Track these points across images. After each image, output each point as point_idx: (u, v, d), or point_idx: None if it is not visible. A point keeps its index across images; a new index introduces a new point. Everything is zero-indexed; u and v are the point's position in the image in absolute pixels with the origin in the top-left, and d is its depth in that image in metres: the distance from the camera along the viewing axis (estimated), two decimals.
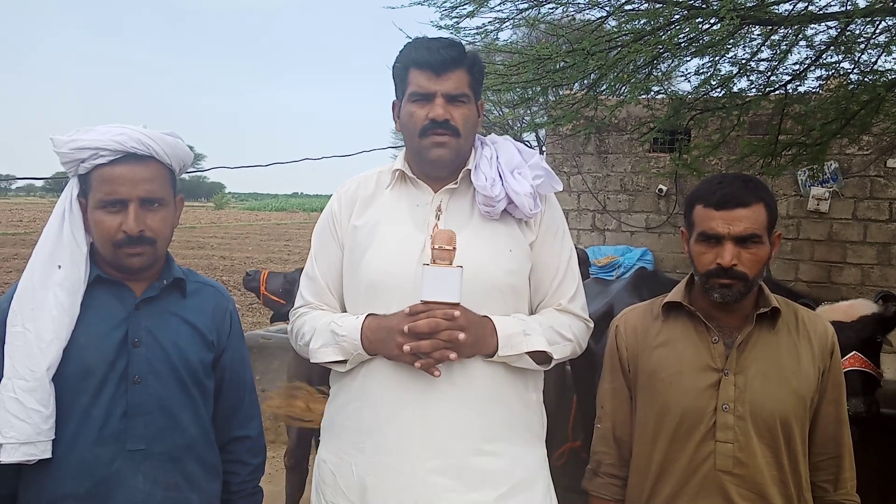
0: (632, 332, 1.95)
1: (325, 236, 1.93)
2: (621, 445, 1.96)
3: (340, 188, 1.96)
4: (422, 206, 1.84)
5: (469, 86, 1.80)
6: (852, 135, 5.12)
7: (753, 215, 1.76)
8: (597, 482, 1.98)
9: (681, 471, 1.82)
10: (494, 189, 1.78)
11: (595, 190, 9.12)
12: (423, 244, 1.77)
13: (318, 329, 1.83)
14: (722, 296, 1.79)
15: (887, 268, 7.87)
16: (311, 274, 1.93)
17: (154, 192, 1.69)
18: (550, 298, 1.89)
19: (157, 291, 1.74)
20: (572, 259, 1.93)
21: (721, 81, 4.69)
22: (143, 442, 1.66)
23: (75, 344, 1.63)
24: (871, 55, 4.47)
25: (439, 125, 1.75)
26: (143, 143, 1.66)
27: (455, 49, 1.78)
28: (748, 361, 1.81)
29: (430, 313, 1.66)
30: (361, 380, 1.79)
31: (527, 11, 4.68)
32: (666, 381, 1.85)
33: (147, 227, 1.67)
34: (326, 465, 1.84)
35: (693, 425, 1.81)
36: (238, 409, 1.89)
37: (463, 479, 1.71)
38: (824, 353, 1.84)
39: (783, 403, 1.79)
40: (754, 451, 1.78)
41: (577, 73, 4.61)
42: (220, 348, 1.83)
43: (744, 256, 1.76)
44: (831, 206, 8.03)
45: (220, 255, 19.58)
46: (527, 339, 1.76)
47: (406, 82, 1.79)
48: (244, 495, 1.90)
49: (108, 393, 1.65)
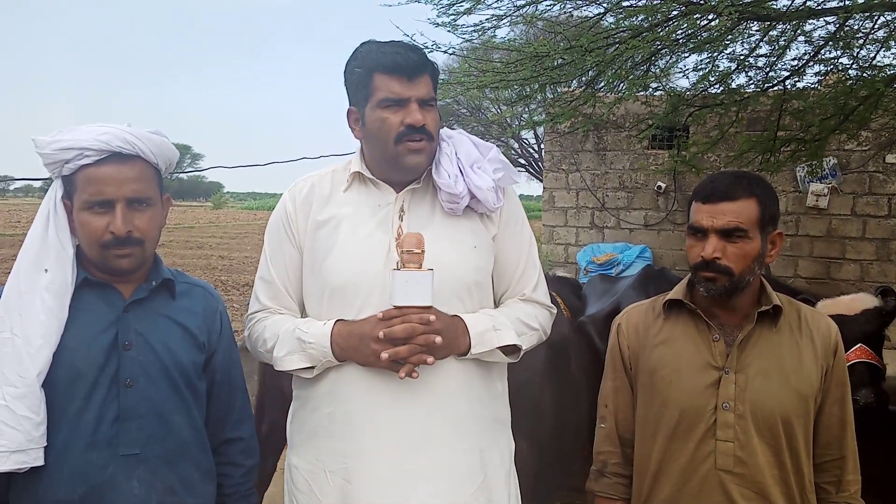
0: (633, 330, 1.95)
1: (279, 238, 1.87)
2: (625, 444, 1.95)
3: (292, 188, 1.90)
4: (384, 207, 1.81)
5: (434, 89, 1.79)
6: (851, 130, 5.10)
7: (739, 209, 1.75)
8: (603, 482, 1.96)
9: (680, 470, 1.81)
10: (458, 186, 1.76)
11: (594, 187, 9.11)
12: (388, 246, 1.76)
13: (282, 336, 1.78)
14: (707, 290, 1.80)
15: (886, 263, 7.87)
16: (266, 277, 1.88)
17: (141, 191, 1.66)
18: (514, 289, 1.90)
19: (146, 293, 1.72)
20: (532, 248, 1.93)
21: (719, 78, 4.69)
22: (136, 446, 1.64)
23: (64, 348, 1.61)
24: (869, 50, 4.46)
25: (417, 130, 1.72)
26: (128, 142, 1.64)
27: (420, 53, 1.77)
28: (749, 360, 1.80)
29: (405, 318, 1.65)
30: (331, 385, 1.76)
31: (524, 8, 4.67)
32: (666, 379, 1.84)
33: (135, 227, 1.65)
34: (299, 471, 1.81)
35: (693, 424, 1.80)
36: (230, 410, 1.87)
37: (441, 478, 1.72)
38: (827, 351, 1.83)
39: (784, 402, 1.77)
40: (755, 450, 1.76)
41: (575, 70, 4.60)
42: (211, 349, 1.81)
43: (728, 250, 1.75)
44: (830, 202, 8.03)
45: (219, 255, 19.56)
46: (497, 335, 1.76)
47: (371, 88, 1.74)
48: (238, 497, 1.88)
49: (99, 397, 1.62)
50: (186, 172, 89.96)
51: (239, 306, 11.40)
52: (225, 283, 14.10)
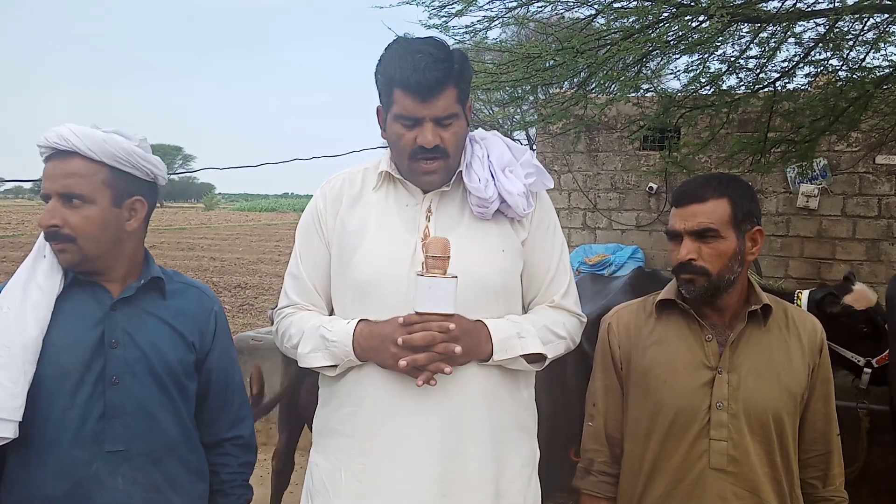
0: (624, 330, 1.95)
1: (310, 234, 1.87)
2: (613, 443, 1.96)
3: (325, 185, 1.90)
4: (411, 207, 1.80)
5: (458, 100, 1.72)
6: (841, 132, 5.13)
7: (709, 210, 1.79)
8: (589, 480, 1.97)
9: (674, 469, 1.82)
10: (488, 190, 1.74)
11: (585, 188, 9.12)
12: (413, 246, 1.74)
13: (307, 332, 1.79)
14: (687, 291, 1.83)
15: (876, 264, 7.91)
16: (296, 273, 1.88)
17: (71, 186, 1.65)
18: (543, 295, 1.87)
19: (134, 291, 1.73)
20: (563, 254, 1.90)
21: (710, 79, 4.69)
22: (121, 443, 1.65)
23: (52, 345, 1.62)
24: (859, 52, 4.47)
25: (429, 151, 1.70)
26: (63, 138, 1.65)
27: (442, 66, 1.66)
28: (741, 359, 1.81)
29: (424, 325, 1.62)
30: (353, 385, 1.76)
31: (516, 10, 4.66)
32: (660, 379, 1.85)
33: (67, 223, 1.65)
34: (319, 468, 1.82)
35: (687, 423, 1.81)
36: (226, 410, 1.87)
37: (459, 485, 1.70)
38: (813, 350, 1.85)
39: (775, 401, 1.79)
40: (748, 449, 1.77)
41: (567, 72, 4.60)
42: (205, 350, 1.81)
43: (703, 251, 1.79)
44: (820, 202, 8.06)
45: (211, 257, 19.50)
46: (521, 342, 1.74)
47: (391, 99, 1.71)
48: (234, 486, 1.87)
49: (84, 394, 1.64)
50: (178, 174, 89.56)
51: (231, 307, 11.38)
52: (217, 284, 14.06)
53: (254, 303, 12.12)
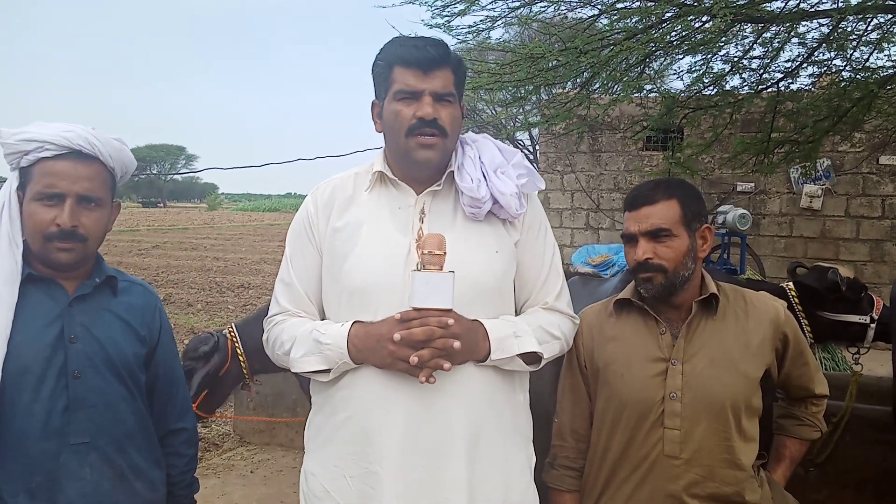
0: (587, 329, 2.01)
1: (301, 240, 1.86)
2: (577, 438, 2.03)
3: (315, 190, 1.89)
4: (404, 209, 1.79)
5: (455, 85, 1.76)
6: (844, 132, 5.13)
7: (661, 211, 1.89)
8: (552, 474, 2.04)
9: (633, 459, 1.89)
10: (480, 190, 1.75)
11: (588, 188, 9.13)
12: (408, 248, 1.73)
13: (299, 337, 1.77)
14: (646, 290, 1.91)
15: (880, 264, 7.91)
16: (286, 280, 1.86)
17: (92, 190, 1.72)
18: (536, 297, 1.87)
19: (90, 289, 1.77)
20: (555, 256, 1.91)
21: (713, 79, 4.70)
22: (86, 435, 1.71)
23: (12, 342, 1.66)
24: (862, 52, 4.47)
25: (427, 124, 1.71)
26: (89, 143, 1.70)
27: (441, 47, 1.75)
28: (695, 349, 1.89)
29: (423, 320, 1.61)
30: (348, 390, 1.74)
31: (519, 10, 4.67)
32: (617, 374, 1.93)
33: (81, 224, 1.70)
34: (316, 477, 1.79)
35: (643, 415, 1.88)
36: (171, 402, 1.95)
37: (458, 489, 1.69)
38: (777, 330, 1.94)
39: (731, 388, 1.86)
40: (702, 436, 1.84)
41: (570, 72, 4.60)
42: (153, 344, 1.88)
43: (659, 250, 1.88)
44: (824, 203, 8.06)
45: (214, 257, 19.53)
46: (518, 342, 1.73)
47: (390, 80, 1.75)
48: (183, 486, 1.97)
49: (47, 389, 1.68)
50: (181, 174, 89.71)
51: (234, 307, 11.39)
52: (220, 284, 14.08)
53: (257, 303, 12.13)
